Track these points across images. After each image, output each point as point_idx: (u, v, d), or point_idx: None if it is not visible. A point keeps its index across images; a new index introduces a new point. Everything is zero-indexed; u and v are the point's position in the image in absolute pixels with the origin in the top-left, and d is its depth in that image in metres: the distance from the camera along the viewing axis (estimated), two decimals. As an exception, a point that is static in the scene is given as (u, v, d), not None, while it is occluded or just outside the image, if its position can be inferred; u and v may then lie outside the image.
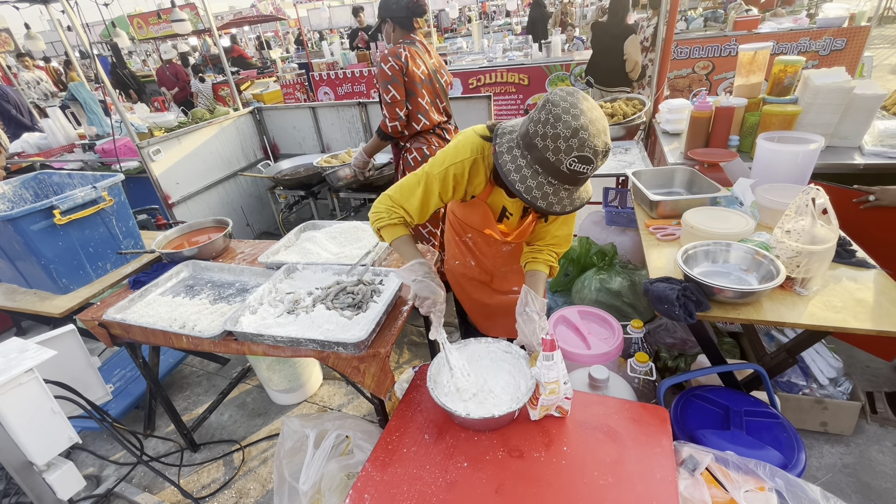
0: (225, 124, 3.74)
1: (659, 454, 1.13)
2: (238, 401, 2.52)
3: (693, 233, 1.61)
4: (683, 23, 7.72)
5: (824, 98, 2.11)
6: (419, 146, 2.31)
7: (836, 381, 1.91)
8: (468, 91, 6.47)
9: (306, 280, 1.71)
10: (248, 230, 4.02)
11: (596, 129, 1.00)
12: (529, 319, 1.27)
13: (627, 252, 2.51)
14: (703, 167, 2.11)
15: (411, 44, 2.22)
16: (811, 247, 1.31)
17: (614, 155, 2.74)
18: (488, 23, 14.11)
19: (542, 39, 7.19)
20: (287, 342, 1.40)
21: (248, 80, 8.66)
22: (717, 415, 1.44)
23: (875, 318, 1.27)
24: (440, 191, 1.29)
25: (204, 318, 1.61)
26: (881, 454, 1.83)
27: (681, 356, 2.11)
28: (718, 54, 5.11)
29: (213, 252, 2.06)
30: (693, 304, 1.32)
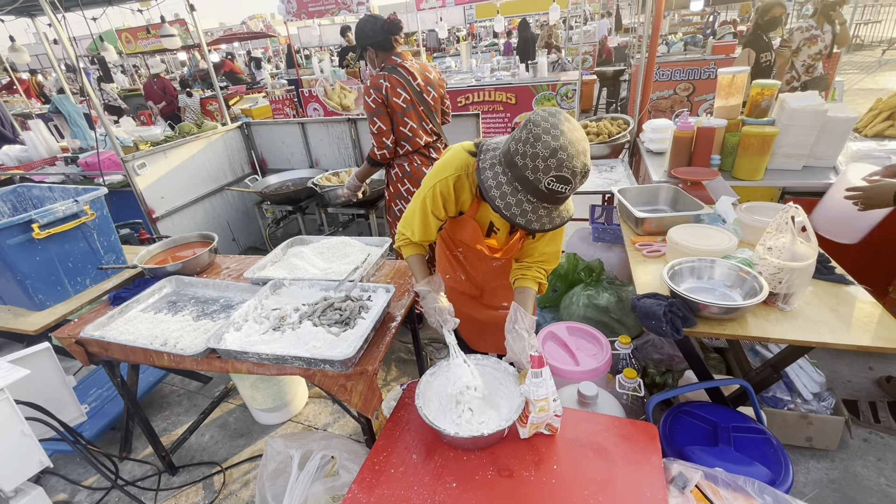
0: (212, 139, 3.72)
1: (649, 472, 1.12)
2: (220, 421, 2.45)
3: (678, 249, 1.64)
4: (665, 46, 8.01)
5: (800, 120, 2.19)
6: (401, 163, 2.39)
7: (820, 396, 1.93)
8: (457, 109, 6.57)
9: (293, 296, 1.68)
10: (234, 245, 3.96)
11: (575, 150, 1.02)
12: (518, 337, 1.26)
13: (614, 268, 2.54)
14: (687, 185, 2.16)
15: (392, 70, 2.24)
16: (792, 263, 1.34)
17: (600, 172, 2.79)
18: (476, 43, 14.43)
19: (528, 60, 7.38)
20: (272, 360, 1.37)
21: (237, 95, 8.66)
22: (706, 431, 1.45)
23: (854, 333, 1.30)
24: (432, 209, 1.34)
25: (187, 335, 1.57)
26: (865, 469, 1.84)
27: (668, 372, 2.12)
28: (698, 77, 5.30)
29: (198, 267, 2.03)
30: (680, 320, 1.34)
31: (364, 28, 2.25)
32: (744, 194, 2.15)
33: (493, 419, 1.17)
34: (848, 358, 2.39)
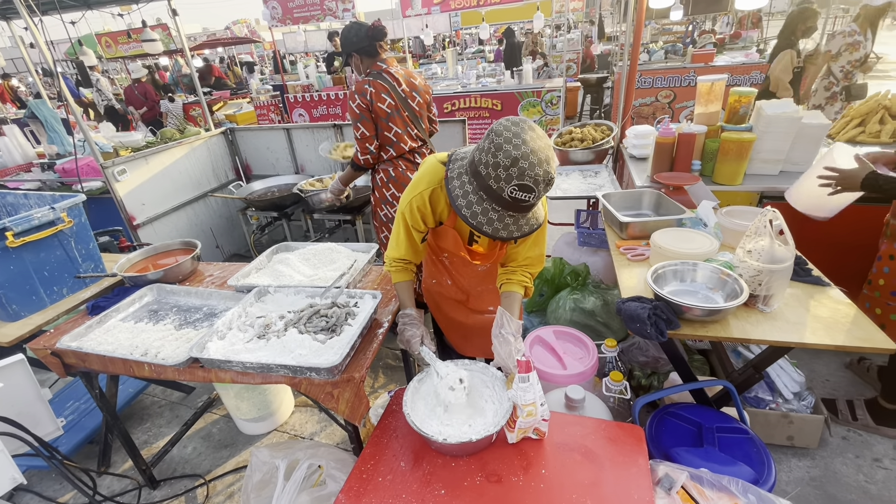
0: (195, 144, 3.67)
1: (636, 474, 1.13)
2: (203, 432, 2.39)
3: (661, 253, 1.67)
4: (646, 55, 8.18)
5: (776, 127, 2.26)
6: (385, 168, 2.40)
7: (800, 396, 1.97)
8: (443, 115, 6.60)
9: (278, 303, 1.66)
10: (217, 252, 3.90)
11: (537, 159, 1.03)
12: (505, 341, 1.27)
13: (599, 272, 2.57)
14: (669, 190, 2.20)
15: (378, 76, 2.25)
16: (771, 266, 1.38)
17: (585, 178, 2.83)
18: (462, 50, 14.54)
19: (514, 67, 7.46)
20: (257, 368, 1.35)
21: (221, 100, 8.57)
22: (691, 432, 1.46)
23: (832, 333, 1.33)
24: (412, 223, 1.36)
25: (168, 344, 1.54)
26: (845, 466, 1.89)
27: (654, 374, 2.14)
28: (679, 84, 5.41)
29: (180, 275, 1.99)
30: (664, 323, 1.35)
31: (349, 34, 2.27)
32: (724, 199, 2.19)
33: (480, 424, 1.17)
34: (826, 357, 2.46)
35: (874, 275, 1.85)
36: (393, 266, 1.45)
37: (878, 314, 1.84)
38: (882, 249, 1.84)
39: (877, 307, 1.84)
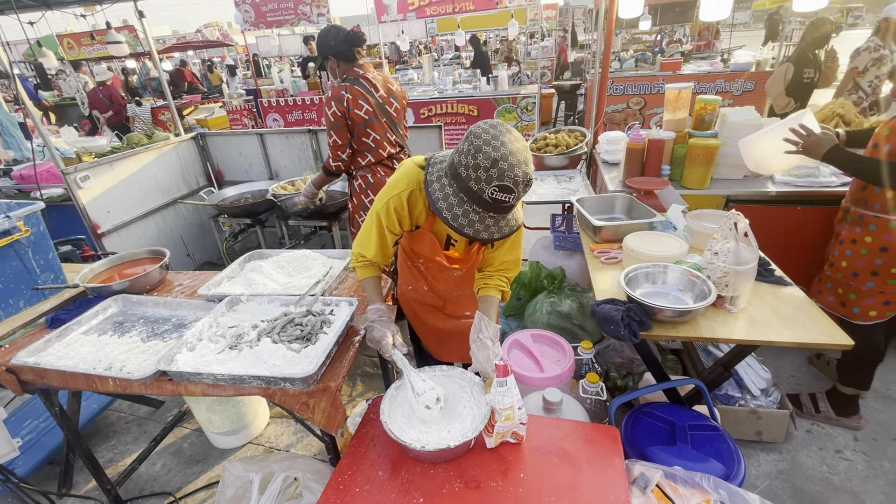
0: (164, 150, 3.56)
1: (612, 475, 1.15)
2: (173, 447, 2.31)
3: (633, 256, 1.70)
4: (618, 63, 8.40)
5: (739, 133, 2.34)
6: (364, 174, 2.39)
7: (767, 392, 2.05)
8: (420, 120, 6.62)
9: (251, 313, 1.62)
10: (188, 261, 3.79)
11: (516, 160, 1.05)
12: (483, 346, 1.27)
13: (575, 275, 2.61)
14: (640, 194, 2.26)
15: (355, 81, 2.23)
16: (737, 267, 1.43)
17: (559, 183, 2.87)
18: (438, 56, 14.64)
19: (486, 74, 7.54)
20: (228, 380, 1.31)
21: (192, 104, 8.36)
22: (664, 431, 1.50)
23: (794, 331, 1.39)
24: (387, 225, 1.34)
25: (134, 357, 1.48)
26: (809, 458, 1.96)
27: (629, 375, 2.19)
28: (649, 92, 5.58)
29: (147, 285, 1.92)
30: (637, 325, 1.38)
31: (326, 38, 2.24)
32: (692, 202, 2.26)
33: (459, 430, 1.17)
34: (790, 354, 2.56)
35: (836, 258, 1.93)
36: (360, 262, 1.43)
37: (839, 294, 1.94)
38: (843, 234, 1.92)
39: (839, 287, 1.94)
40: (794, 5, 2.65)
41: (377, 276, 1.45)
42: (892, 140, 1.68)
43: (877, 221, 1.78)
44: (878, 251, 1.78)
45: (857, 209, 1.87)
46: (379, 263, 1.44)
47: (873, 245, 1.80)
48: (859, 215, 1.85)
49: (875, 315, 1.86)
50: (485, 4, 6.02)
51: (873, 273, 1.82)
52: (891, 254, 1.76)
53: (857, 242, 1.85)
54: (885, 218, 1.75)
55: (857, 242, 1.85)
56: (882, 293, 1.82)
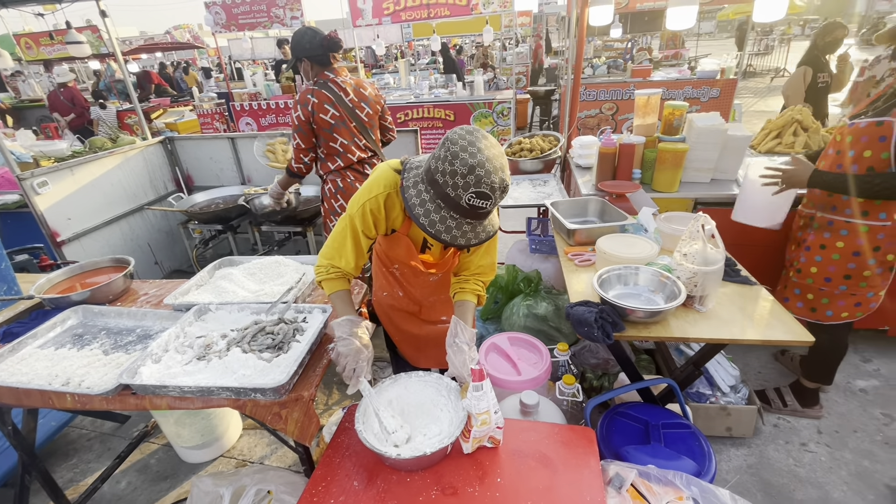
0: (130, 154, 3.44)
1: (588, 476, 1.15)
2: (140, 464, 2.21)
3: (606, 258, 1.73)
4: (590, 69, 8.60)
5: (705, 138, 2.43)
6: (333, 178, 2.38)
7: (736, 388, 2.11)
8: (396, 125, 6.58)
9: (220, 322, 1.57)
10: (156, 269, 3.65)
11: (493, 167, 1.05)
12: (459, 350, 1.26)
13: (551, 278, 2.64)
14: (612, 198, 2.30)
15: (323, 85, 2.22)
16: (704, 268, 1.46)
17: (534, 187, 2.91)
18: (415, 61, 14.66)
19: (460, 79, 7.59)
20: (196, 392, 1.26)
21: (161, 108, 8.10)
22: (639, 430, 1.52)
23: (759, 329, 1.44)
24: (363, 229, 1.31)
25: (95, 371, 1.41)
26: (776, 452, 2.03)
27: (604, 375, 2.22)
28: (621, 97, 5.71)
29: (110, 295, 1.83)
30: (610, 326, 1.40)
31: (302, 39, 2.21)
32: (662, 205, 2.32)
33: (435, 437, 1.15)
34: (757, 351, 2.65)
35: (803, 264, 1.96)
36: (330, 273, 1.33)
37: (810, 299, 1.97)
38: (810, 240, 1.93)
39: (809, 293, 1.97)
40: (753, 16, 2.76)
41: (346, 289, 1.37)
42: (857, 146, 1.71)
43: (848, 226, 1.80)
44: (852, 255, 1.81)
45: (824, 215, 1.88)
46: (349, 274, 1.36)
47: (846, 250, 1.82)
48: (828, 221, 1.86)
49: (847, 315, 1.91)
50: (460, 10, 6.06)
51: (846, 277, 1.85)
52: (863, 257, 1.79)
53: (828, 248, 1.87)
54: (856, 223, 1.78)
55: (826, 248, 1.87)
56: (854, 295, 1.87)
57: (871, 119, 1.68)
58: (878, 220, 1.74)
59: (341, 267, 1.33)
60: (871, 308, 1.89)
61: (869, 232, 1.76)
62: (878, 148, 1.65)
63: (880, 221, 1.74)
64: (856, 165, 1.72)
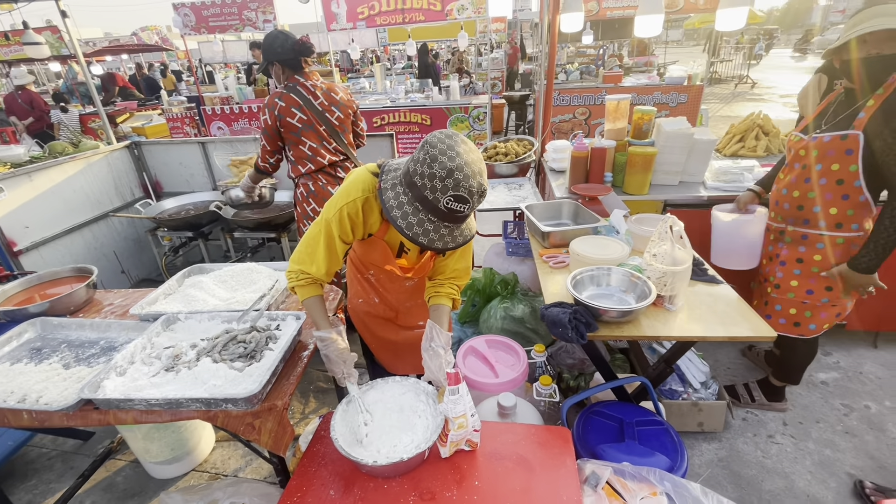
0: (93, 159, 3.31)
1: (564, 475, 1.17)
2: (105, 482, 2.11)
3: (580, 260, 1.76)
4: (564, 75, 8.77)
5: (673, 142, 2.51)
6: (305, 182, 2.37)
7: (707, 385, 2.17)
8: (372, 129, 6.57)
9: (190, 331, 1.52)
10: (123, 278, 3.52)
11: (471, 171, 1.06)
12: (435, 354, 1.26)
13: (527, 280, 2.66)
14: (585, 200, 2.35)
15: (292, 89, 2.22)
16: (673, 268, 1.51)
17: (510, 190, 2.94)
18: (391, 65, 14.64)
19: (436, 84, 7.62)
20: (164, 404, 1.22)
21: (127, 111, 7.84)
22: (614, 428, 1.54)
23: (726, 326, 1.49)
24: (339, 233, 1.28)
25: (54, 386, 1.34)
26: (745, 445, 2.10)
27: (581, 375, 2.25)
28: (593, 103, 5.83)
29: (72, 306, 1.76)
30: (584, 326, 1.43)
31: (273, 43, 2.21)
32: (633, 207, 2.38)
33: (412, 442, 1.15)
34: (726, 347, 2.74)
35: (781, 279, 1.96)
36: (300, 280, 1.31)
37: (792, 314, 1.96)
38: (784, 255, 1.94)
39: (791, 307, 1.96)
40: (716, 25, 2.87)
41: (320, 295, 1.36)
42: (824, 160, 1.73)
43: (823, 239, 1.81)
44: (831, 267, 1.83)
45: (796, 229, 1.89)
46: (322, 280, 1.34)
47: (824, 262, 1.83)
48: (801, 234, 1.87)
49: (828, 326, 1.93)
50: (434, 16, 6.10)
51: (828, 289, 1.85)
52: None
53: (805, 262, 1.87)
54: (831, 235, 1.80)
55: (804, 262, 1.87)
56: (835, 306, 1.89)
57: (834, 133, 1.69)
58: (852, 231, 1.77)
59: (312, 273, 1.30)
60: (847, 312, 1.92)
61: (845, 243, 1.79)
62: (846, 161, 1.68)
63: (854, 232, 1.77)
64: (824, 179, 1.74)
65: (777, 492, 1.88)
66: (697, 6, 6.68)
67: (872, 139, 1.61)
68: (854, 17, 1.61)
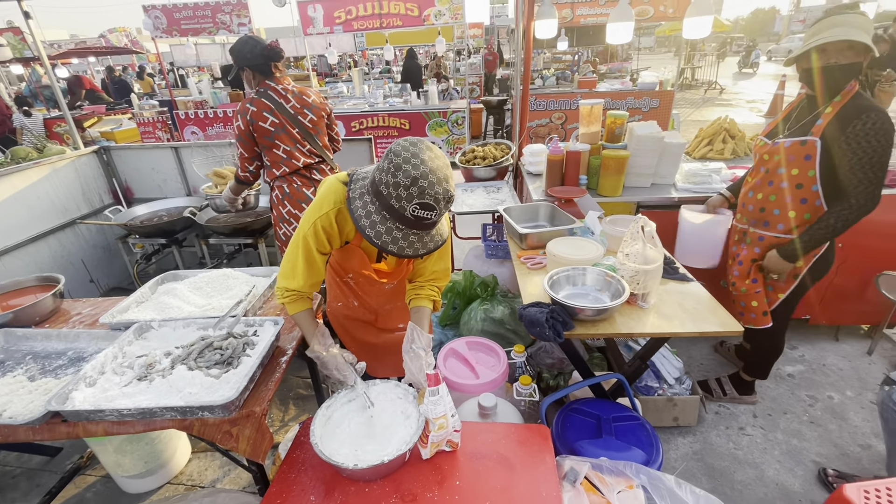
0: (59, 165, 3.19)
1: (543, 472, 1.19)
2: (74, 500, 2.03)
3: (556, 260, 1.80)
4: (541, 80, 8.92)
5: (644, 145, 2.59)
6: (280, 185, 2.36)
7: (681, 380, 2.23)
8: (351, 133, 6.54)
9: (164, 339, 1.49)
10: (92, 287, 3.40)
11: (436, 178, 1.06)
12: (416, 356, 1.27)
13: (507, 282, 2.69)
14: (561, 203, 2.40)
15: (263, 94, 2.23)
16: (645, 266, 1.56)
17: (488, 193, 2.97)
18: (368, 70, 14.62)
19: (417, 88, 7.66)
20: (137, 414, 1.19)
21: (94, 115, 7.59)
22: (592, 425, 1.58)
23: (696, 322, 1.54)
24: (316, 246, 1.29)
25: (19, 399, 1.29)
26: (718, 437, 2.17)
27: (560, 374, 2.29)
28: (569, 107, 5.95)
29: (37, 316, 1.70)
30: (560, 325, 1.46)
31: (243, 49, 2.20)
32: (607, 209, 2.44)
33: (392, 444, 1.15)
34: (699, 344, 2.82)
35: (737, 277, 2.05)
36: (286, 296, 1.34)
37: (754, 306, 2.03)
38: (742, 255, 2.02)
39: (753, 301, 2.03)
40: (683, 33, 2.99)
41: (308, 308, 1.37)
42: (785, 165, 1.80)
43: (778, 242, 1.89)
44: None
45: (755, 230, 1.96)
46: (308, 293, 1.36)
47: None
48: (759, 236, 1.95)
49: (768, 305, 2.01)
50: (412, 21, 6.14)
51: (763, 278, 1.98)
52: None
53: (758, 262, 1.97)
54: (785, 237, 1.88)
55: (757, 262, 1.98)
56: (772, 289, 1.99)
57: (794, 139, 1.78)
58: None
59: (295, 289, 1.32)
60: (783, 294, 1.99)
61: None
62: (805, 166, 1.76)
63: None
64: (786, 183, 1.82)
65: (748, 482, 1.95)
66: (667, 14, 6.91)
67: (829, 145, 1.69)
68: (814, 27, 1.69)
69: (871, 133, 1.59)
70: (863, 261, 2.47)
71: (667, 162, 2.68)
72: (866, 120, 1.59)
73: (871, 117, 1.59)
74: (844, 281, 2.54)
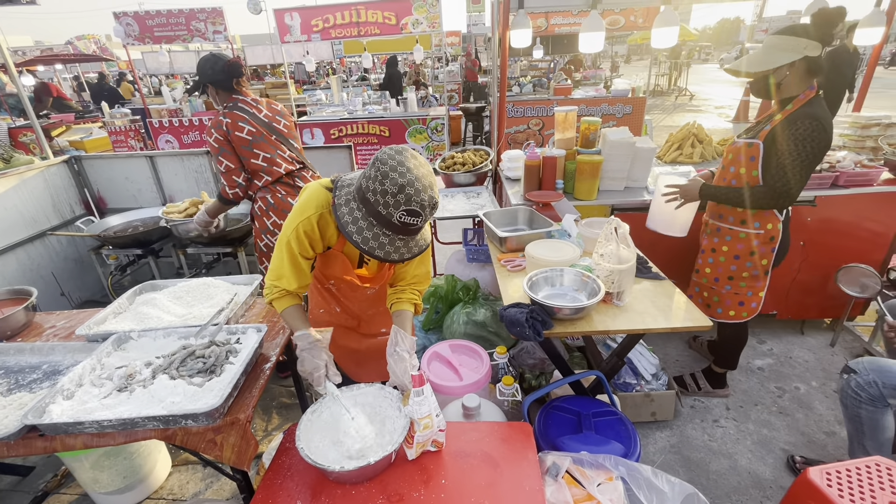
0: (27, 175, 3.10)
1: (526, 468, 1.22)
2: (48, 520, 1.97)
3: (535, 262, 1.85)
4: (518, 87, 9.08)
5: (617, 150, 2.68)
6: (263, 195, 2.34)
7: (657, 376, 2.31)
8: (330, 141, 6.53)
9: (144, 349, 1.47)
10: (64, 301, 3.30)
11: (422, 185, 1.10)
12: (400, 359, 1.29)
13: (488, 285, 2.74)
14: (539, 206, 2.46)
15: (234, 107, 2.23)
16: (619, 266, 1.62)
17: (468, 199, 3.02)
18: (347, 77, 14.61)
19: (397, 95, 7.70)
20: (118, 425, 1.17)
21: (63, 124, 7.36)
22: (572, 421, 1.63)
23: (668, 319, 1.61)
24: (299, 251, 1.31)
25: (-9, 415, 1.26)
26: (694, 431, 2.25)
27: (542, 374, 2.33)
28: (545, 114, 6.08)
29: (8, 331, 1.65)
30: (540, 324, 1.50)
31: (205, 66, 2.23)
32: (583, 212, 2.52)
33: (378, 446, 1.17)
34: (674, 340, 2.92)
35: (700, 265, 2.24)
36: (275, 293, 1.34)
37: (705, 297, 2.24)
38: (704, 244, 2.21)
39: (704, 291, 2.24)
40: (651, 42, 3.11)
41: (297, 304, 1.38)
42: (736, 164, 1.99)
43: (731, 233, 2.08)
44: (733, 258, 2.09)
45: (714, 222, 2.15)
46: (297, 292, 1.37)
47: (729, 253, 2.09)
48: (717, 227, 2.13)
49: (734, 315, 2.16)
50: (390, 30, 6.18)
51: (729, 278, 2.12)
52: (742, 260, 2.07)
53: (717, 251, 2.14)
54: (737, 230, 2.05)
55: (716, 251, 2.15)
56: (736, 294, 2.13)
57: (745, 140, 1.96)
58: (753, 229, 2.02)
59: (285, 287, 1.33)
60: (753, 309, 2.15)
61: (746, 238, 2.04)
62: (750, 166, 1.93)
63: (755, 230, 2.02)
64: (735, 180, 2.01)
65: (723, 471, 2.03)
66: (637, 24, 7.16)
67: (769, 148, 1.85)
68: (766, 39, 1.82)
69: (801, 138, 1.75)
70: (824, 258, 2.62)
71: (639, 166, 2.78)
72: (800, 126, 1.75)
73: (805, 124, 1.75)
74: (807, 277, 2.68)
